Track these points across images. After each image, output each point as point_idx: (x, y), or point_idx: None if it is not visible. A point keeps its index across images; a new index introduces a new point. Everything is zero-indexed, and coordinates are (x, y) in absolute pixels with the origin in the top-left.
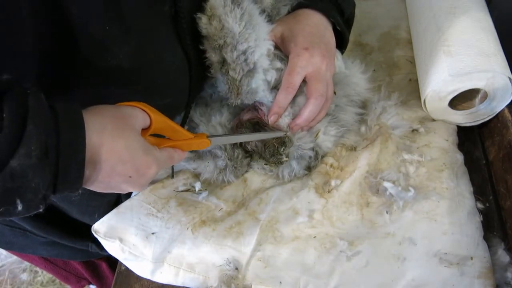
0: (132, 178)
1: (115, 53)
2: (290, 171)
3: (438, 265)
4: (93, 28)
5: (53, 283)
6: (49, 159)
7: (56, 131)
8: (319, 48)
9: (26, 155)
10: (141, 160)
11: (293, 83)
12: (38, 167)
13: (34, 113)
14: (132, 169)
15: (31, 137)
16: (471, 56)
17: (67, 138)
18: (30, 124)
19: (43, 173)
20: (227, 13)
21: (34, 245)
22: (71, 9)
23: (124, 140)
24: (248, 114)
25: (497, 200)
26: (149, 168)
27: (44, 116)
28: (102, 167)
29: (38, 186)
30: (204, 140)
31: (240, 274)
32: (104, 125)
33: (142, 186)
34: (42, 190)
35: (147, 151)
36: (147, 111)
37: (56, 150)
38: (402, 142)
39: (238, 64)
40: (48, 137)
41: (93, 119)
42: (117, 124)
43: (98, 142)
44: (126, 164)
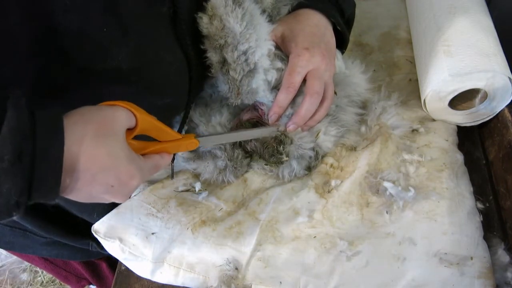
0: (114, 187)
1: (114, 54)
2: (290, 171)
3: (438, 265)
4: (91, 30)
5: (53, 283)
6: (23, 164)
7: (32, 137)
8: (319, 48)
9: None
10: (124, 169)
11: (294, 83)
12: (10, 171)
13: (11, 116)
14: (114, 178)
15: (4, 140)
16: (471, 56)
17: (44, 145)
18: (5, 127)
19: (15, 178)
20: (228, 13)
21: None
22: (67, 14)
23: (106, 147)
24: (248, 114)
25: (497, 200)
26: (131, 178)
27: (21, 120)
28: (82, 176)
29: (10, 191)
30: (192, 141)
31: (240, 274)
32: (85, 131)
33: (125, 196)
34: (13, 196)
35: (131, 160)
36: (133, 110)
37: (31, 156)
38: (402, 142)
39: (238, 64)
40: (23, 142)
41: (74, 126)
42: (99, 131)
43: (78, 149)
44: (107, 173)
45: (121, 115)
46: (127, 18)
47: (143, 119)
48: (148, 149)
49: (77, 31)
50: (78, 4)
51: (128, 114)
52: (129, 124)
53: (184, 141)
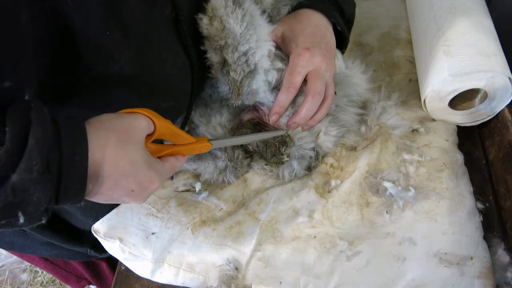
0: (135, 192)
1: (117, 58)
2: (291, 171)
3: (438, 265)
4: (93, 34)
5: (53, 283)
6: (51, 174)
7: (58, 146)
8: (319, 48)
9: (27, 170)
10: (144, 174)
11: (295, 83)
12: (40, 182)
13: (36, 127)
14: (135, 183)
15: (32, 152)
16: (471, 56)
17: (69, 153)
18: (31, 138)
19: (45, 187)
20: (229, 14)
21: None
22: (71, 15)
23: (128, 154)
24: (248, 115)
25: (497, 200)
26: (151, 182)
27: (46, 130)
28: (105, 181)
29: (40, 200)
30: (206, 144)
31: (240, 274)
32: (108, 139)
33: (144, 199)
34: (43, 204)
35: (151, 166)
36: (151, 117)
37: (58, 165)
38: (402, 142)
39: (239, 65)
40: (49, 152)
41: (96, 133)
42: (120, 138)
43: (101, 157)
44: (129, 179)
45: (141, 123)
46: (128, 21)
47: (161, 125)
48: (164, 152)
49: (80, 33)
50: (81, 6)
51: (148, 121)
52: (148, 131)
53: (198, 144)
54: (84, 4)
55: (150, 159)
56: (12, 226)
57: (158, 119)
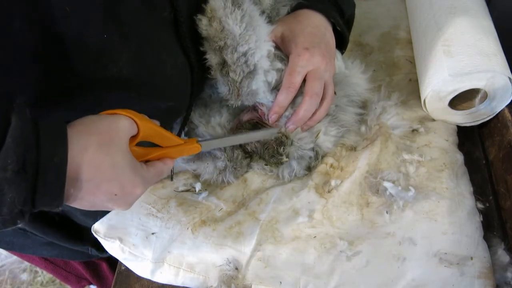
0: (118, 196)
1: (115, 60)
2: (290, 171)
3: (438, 265)
4: (92, 38)
5: (53, 283)
6: (27, 174)
7: (36, 147)
8: (319, 48)
9: (1, 168)
10: (128, 178)
11: (294, 83)
12: (14, 181)
13: (14, 127)
14: (118, 187)
15: (8, 150)
16: (471, 56)
17: (48, 155)
18: (9, 137)
19: (19, 187)
20: (228, 15)
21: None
22: (70, 19)
23: (110, 157)
24: (247, 115)
25: (497, 200)
26: (135, 187)
27: (25, 130)
28: (85, 185)
29: (13, 200)
30: (195, 145)
31: (240, 274)
32: (89, 142)
33: (128, 205)
34: (17, 205)
35: (134, 170)
36: (134, 118)
37: (35, 165)
38: (402, 142)
39: (238, 66)
40: (27, 152)
41: (78, 136)
42: (103, 141)
43: (81, 160)
44: (111, 182)
45: (123, 124)
46: (127, 24)
47: (145, 125)
48: (150, 155)
49: (78, 37)
50: (78, 10)
51: (130, 122)
52: (131, 133)
53: (186, 146)
54: (83, 8)
55: (134, 163)
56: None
57: (141, 120)
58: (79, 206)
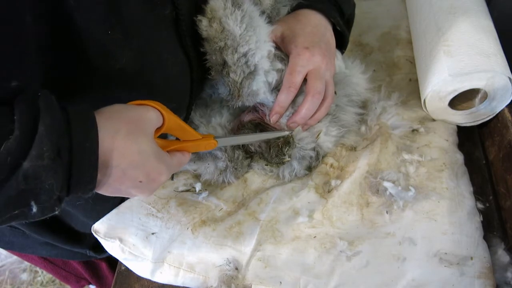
0: (143, 183)
1: (118, 57)
2: (291, 171)
3: (438, 265)
4: (95, 33)
5: (53, 283)
6: (62, 160)
7: (68, 133)
8: (319, 48)
9: (38, 157)
10: (153, 165)
11: (295, 82)
12: (51, 168)
13: (45, 114)
14: (143, 174)
15: (42, 138)
16: (471, 56)
17: (80, 140)
18: (41, 125)
19: (56, 174)
20: (228, 15)
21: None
22: (74, 15)
23: (137, 145)
24: (249, 115)
25: (497, 200)
26: (160, 174)
27: (55, 117)
28: (113, 171)
29: (52, 187)
30: (212, 141)
31: (240, 274)
32: (118, 129)
33: (151, 191)
34: (56, 192)
35: (159, 158)
36: (161, 110)
37: (69, 151)
38: (402, 142)
39: (239, 67)
40: (60, 139)
41: (106, 123)
42: (131, 128)
43: (111, 146)
44: (137, 169)
45: (151, 115)
46: (129, 21)
47: (170, 118)
48: (170, 147)
49: (82, 33)
50: (83, 6)
51: (157, 114)
52: (157, 124)
53: (204, 141)
54: (86, 4)
55: (159, 151)
56: (25, 217)
57: (167, 112)
58: (103, 192)
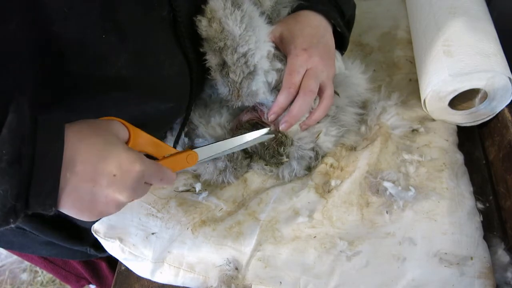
0: (117, 177)
1: (113, 61)
2: (291, 171)
3: (438, 265)
4: (90, 37)
5: (53, 283)
6: (21, 167)
7: (33, 141)
8: (317, 49)
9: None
10: (123, 154)
11: (294, 83)
12: (7, 172)
13: (11, 120)
14: (115, 164)
15: (3, 141)
16: (471, 56)
17: (43, 150)
18: (5, 128)
19: (13, 179)
20: (227, 16)
21: (33, 244)
22: (68, 20)
23: (102, 137)
24: (247, 115)
25: (497, 200)
26: (133, 163)
27: (22, 123)
28: (82, 168)
29: (6, 193)
30: (190, 152)
31: (240, 274)
32: (82, 127)
33: (129, 188)
34: (10, 199)
35: (129, 148)
36: (125, 123)
37: (31, 159)
38: (402, 142)
39: (238, 67)
40: (22, 145)
41: (71, 126)
42: (95, 127)
43: (76, 141)
44: (107, 160)
45: (116, 125)
46: (125, 24)
47: (138, 134)
48: None
49: (76, 38)
50: (77, 12)
51: (123, 127)
52: (122, 134)
53: (183, 154)
54: (81, 10)
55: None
56: None
57: (132, 127)
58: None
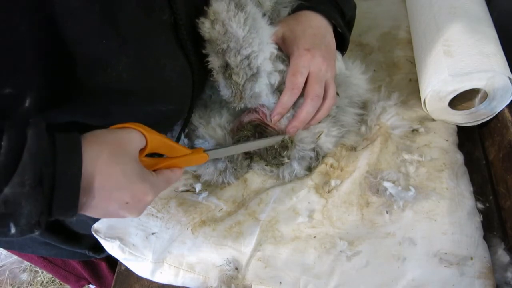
0: (129, 204)
1: (114, 65)
2: (291, 171)
3: (438, 265)
4: (90, 43)
5: (53, 283)
6: (43, 188)
7: (52, 161)
8: (320, 50)
9: (19, 184)
10: (138, 187)
11: (298, 84)
12: (31, 195)
13: (31, 143)
14: (129, 195)
15: (25, 166)
16: (471, 56)
17: (63, 168)
18: (26, 153)
19: (36, 201)
20: (231, 18)
21: (33, 244)
22: (68, 23)
23: (120, 166)
24: (248, 116)
25: (497, 200)
26: (145, 194)
27: (41, 146)
28: (98, 194)
29: (31, 213)
30: (202, 155)
31: (240, 274)
32: (100, 152)
33: (139, 212)
34: (34, 217)
35: (144, 178)
36: (143, 131)
37: (51, 179)
38: (402, 142)
39: (241, 69)
40: (43, 167)
41: (89, 147)
42: (113, 151)
43: (93, 169)
44: (122, 190)
45: (133, 137)
46: (125, 28)
47: (153, 138)
48: (159, 165)
49: (77, 41)
50: (76, 15)
51: (139, 135)
52: (140, 145)
53: (194, 155)
54: (81, 13)
55: (143, 171)
56: (5, 236)
57: (149, 132)
58: (93, 214)
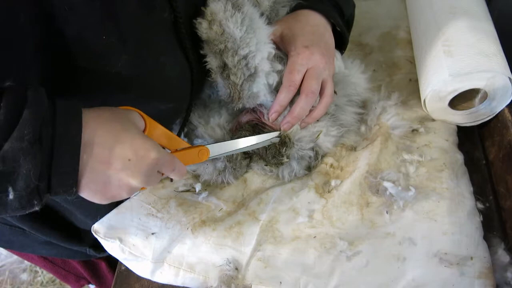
0: (132, 161)
1: (114, 61)
2: (290, 171)
3: (438, 265)
4: (90, 38)
5: (53, 283)
6: (43, 147)
7: (52, 122)
8: (318, 47)
9: (18, 139)
10: (140, 141)
11: (295, 81)
12: (30, 152)
13: (31, 103)
14: (131, 150)
15: (25, 122)
16: (471, 56)
17: (63, 130)
18: (26, 111)
19: (35, 159)
20: (228, 18)
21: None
22: (69, 19)
23: (121, 123)
24: (247, 116)
25: (497, 200)
26: (148, 150)
27: (41, 106)
28: (99, 150)
29: (29, 173)
30: (202, 148)
31: (240, 274)
32: (101, 113)
33: (142, 174)
34: (33, 179)
35: (146, 137)
36: (141, 113)
37: (51, 140)
38: (402, 142)
39: (239, 69)
40: (43, 126)
41: (90, 111)
42: (114, 113)
43: (94, 126)
44: (124, 144)
45: (133, 113)
46: (126, 26)
47: (151, 122)
48: None
49: (77, 37)
50: (77, 11)
51: (139, 116)
52: (139, 124)
53: (195, 149)
54: (81, 9)
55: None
56: (4, 206)
57: (148, 118)
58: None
